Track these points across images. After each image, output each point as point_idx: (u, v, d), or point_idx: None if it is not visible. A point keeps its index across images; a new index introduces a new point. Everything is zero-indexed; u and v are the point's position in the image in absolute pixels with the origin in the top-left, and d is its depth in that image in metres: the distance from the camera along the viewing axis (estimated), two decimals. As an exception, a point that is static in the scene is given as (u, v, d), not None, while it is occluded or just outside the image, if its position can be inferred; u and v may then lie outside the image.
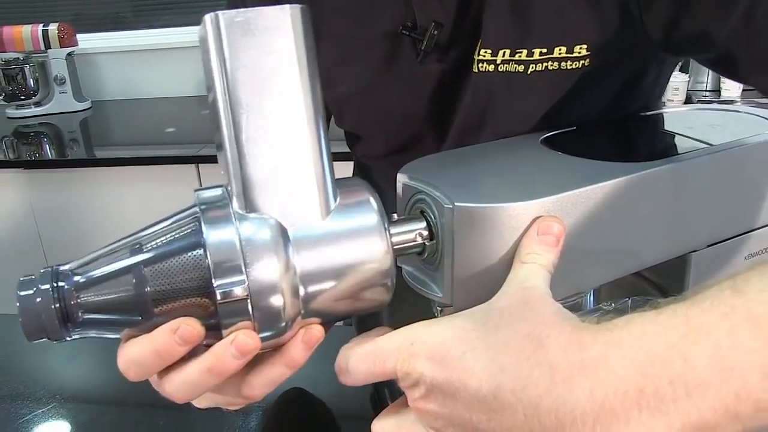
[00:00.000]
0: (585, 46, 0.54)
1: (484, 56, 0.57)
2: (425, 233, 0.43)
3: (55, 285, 0.37)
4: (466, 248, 0.41)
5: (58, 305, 0.37)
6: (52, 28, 2.33)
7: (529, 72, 0.55)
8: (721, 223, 0.48)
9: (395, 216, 0.45)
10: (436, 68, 0.61)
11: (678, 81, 1.93)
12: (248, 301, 0.37)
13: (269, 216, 0.38)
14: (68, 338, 0.38)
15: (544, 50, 0.54)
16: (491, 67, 0.57)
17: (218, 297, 0.36)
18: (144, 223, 0.40)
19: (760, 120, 0.54)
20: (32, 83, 2.37)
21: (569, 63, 0.54)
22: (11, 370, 0.88)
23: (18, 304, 0.37)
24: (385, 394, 0.51)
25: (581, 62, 0.54)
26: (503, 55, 0.56)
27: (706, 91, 1.99)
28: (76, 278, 0.38)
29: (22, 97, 2.39)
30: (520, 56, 0.55)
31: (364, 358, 0.38)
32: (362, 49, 0.63)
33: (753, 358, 0.28)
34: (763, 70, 0.49)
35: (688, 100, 1.96)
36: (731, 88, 1.97)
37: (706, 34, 0.50)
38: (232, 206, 0.38)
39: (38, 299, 0.37)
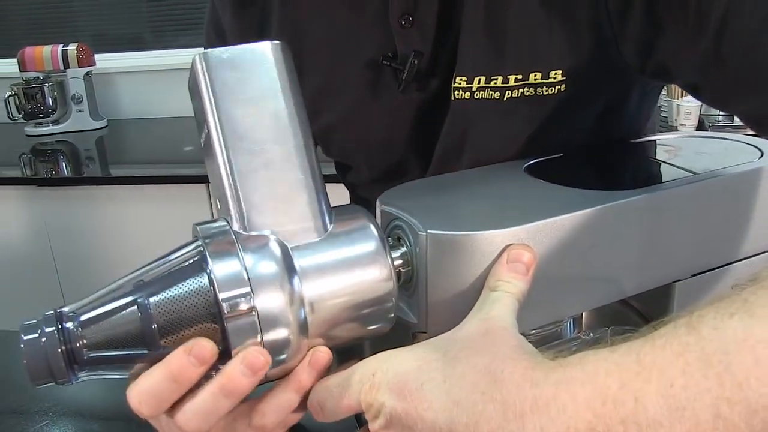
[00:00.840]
0: (560, 72, 0.53)
1: (460, 84, 0.57)
2: (400, 261, 0.43)
3: (59, 327, 0.37)
4: (440, 275, 0.41)
5: (64, 347, 0.37)
6: (72, 48, 2.37)
7: (505, 99, 0.55)
8: (704, 253, 0.48)
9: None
10: (417, 97, 0.62)
11: (690, 105, 1.91)
12: (257, 323, 0.37)
13: (269, 232, 0.39)
14: (74, 381, 0.38)
15: (519, 76, 0.54)
16: (467, 95, 0.57)
17: (227, 328, 0.36)
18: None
19: (750, 148, 0.54)
20: (50, 102, 2.41)
21: (545, 89, 0.54)
22: (6, 384, 0.88)
23: (22, 347, 0.37)
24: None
25: (557, 87, 0.54)
26: (479, 83, 0.56)
27: (719, 115, 1.96)
28: (81, 319, 0.38)
29: (41, 116, 2.42)
30: (495, 83, 0.55)
31: (332, 392, 0.38)
32: (344, 79, 0.64)
33: (705, 397, 0.28)
34: (739, 96, 0.48)
35: (700, 125, 1.95)
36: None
37: (680, 58, 0.49)
38: (233, 229, 0.39)
39: (43, 341, 0.37)
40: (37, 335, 0.37)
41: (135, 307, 0.37)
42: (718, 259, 0.49)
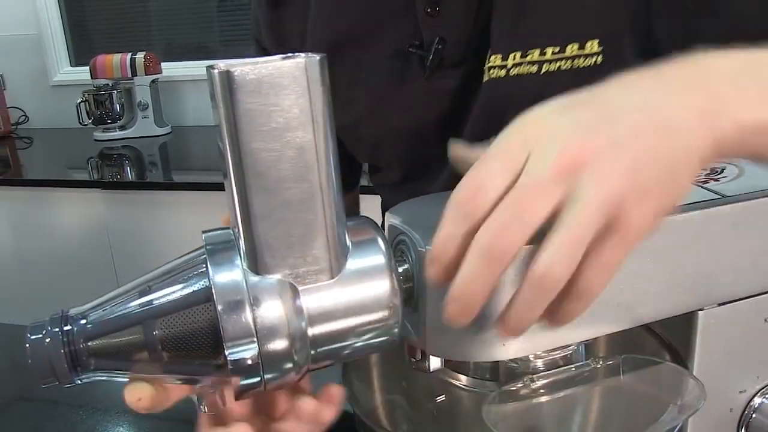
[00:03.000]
0: (596, 41, 0.54)
1: (495, 62, 0.57)
2: (402, 277, 0.42)
3: (64, 329, 0.37)
4: (438, 293, 0.40)
5: (67, 349, 0.37)
6: (140, 56, 2.45)
7: (542, 72, 0.56)
8: (731, 282, 0.45)
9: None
10: (446, 84, 0.62)
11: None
12: (260, 366, 0.37)
13: (281, 277, 0.37)
14: (77, 382, 0.38)
15: (557, 49, 0.55)
16: (502, 72, 0.57)
17: (229, 362, 0.36)
18: None
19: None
20: (118, 108, 2.50)
21: (582, 60, 0.55)
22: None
23: (27, 346, 0.37)
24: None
25: (594, 59, 0.54)
26: (514, 59, 0.56)
27: None
28: (85, 322, 0.38)
29: (109, 121, 2.51)
30: (532, 57, 0.56)
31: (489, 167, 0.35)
32: (372, 69, 0.65)
33: None
34: None
35: None
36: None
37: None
38: (242, 264, 0.37)
39: (47, 341, 0.37)
40: (41, 336, 0.37)
41: (139, 321, 0.38)
42: (748, 288, 0.45)
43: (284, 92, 0.34)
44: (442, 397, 0.55)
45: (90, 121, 2.52)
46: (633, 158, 0.32)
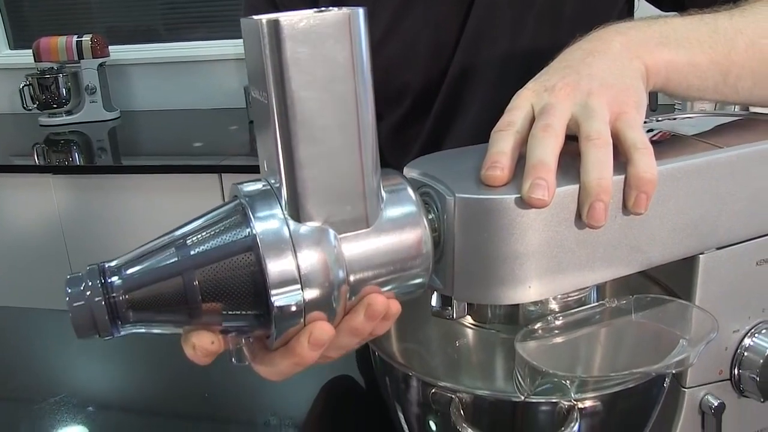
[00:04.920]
0: None
1: None
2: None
3: (103, 281, 0.37)
4: (467, 240, 0.41)
5: (107, 300, 0.37)
6: (86, 39, 2.38)
7: None
8: (729, 227, 0.48)
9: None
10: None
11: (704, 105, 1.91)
12: (303, 311, 0.38)
13: (321, 224, 0.38)
14: (117, 334, 0.38)
15: None
16: None
17: (274, 308, 0.37)
18: (167, 230, 0.40)
19: (775, 126, 0.54)
20: (64, 92, 2.43)
21: None
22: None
23: (68, 300, 0.37)
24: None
25: None
26: None
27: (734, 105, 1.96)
28: (123, 274, 0.38)
29: (55, 106, 2.44)
30: None
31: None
32: None
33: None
34: None
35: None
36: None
37: None
38: (283, 212, 0.38)
39: (88, 294, 0.37)
40: (81, 288, 0.37)
41: (179, 269, 0.38)
42: (744, 233, 0.49)
43: (329, 42, 0.36)
44: (460, 343, 0.58)
45: (35, 105, 2.44)
46: (599, 78, 0.44)
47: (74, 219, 2.06)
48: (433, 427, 0.47)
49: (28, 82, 2.41)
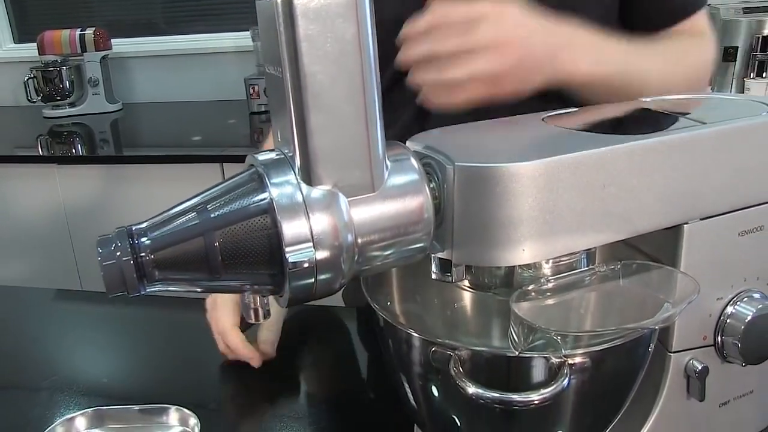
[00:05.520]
0: None
1: None
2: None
3: (131, 242, 0.41)
4: (466, 207, 0.44)
5: (135, 260, 0.40)
6: (89, 32, 2.41)
7: None
8: (713, 198, 0.51)
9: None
10: None
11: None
12: (314, 270, 0.41)
13: (331, 187, 0.42)
14: (143, 291, 0.41)
15: None
16: None
17: (288, 265, 0.40)
18: None
19: (760, 105, 0.57)
20: (68, 85, 2.45)
21: None
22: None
23: (99, 259, 0.40)
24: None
25: None
26: None
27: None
28: (149, 236, 0.41)
29: (58, 98, 2.47)
30: None
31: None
32: None
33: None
34: None
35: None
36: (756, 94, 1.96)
37: None
38: (296, 178, 0.42)
39: (118, 254, 0.40)
40: (111, 248, 0.40)
41: (201, 230, 0.41)
42: (727, 204, 0.52)
43: (338, 20, 0.39)
44: (459, 306, 0.61)
45: (39, 98, 2.46)
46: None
47: (78, 208, 2.09)
48: (434, 384, 0.50)
49: (32, 75, 2.44)
